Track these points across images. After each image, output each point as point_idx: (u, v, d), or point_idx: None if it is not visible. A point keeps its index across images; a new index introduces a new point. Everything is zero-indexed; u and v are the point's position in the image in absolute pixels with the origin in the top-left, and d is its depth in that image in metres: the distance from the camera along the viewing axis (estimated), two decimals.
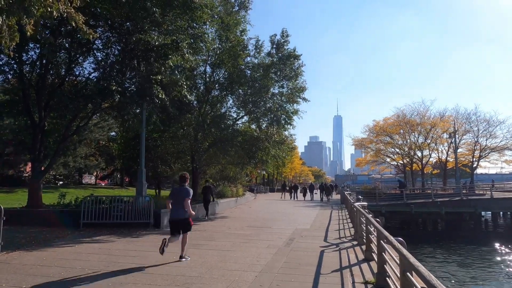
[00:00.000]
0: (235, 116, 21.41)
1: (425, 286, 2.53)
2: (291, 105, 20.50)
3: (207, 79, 20.71)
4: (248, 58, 20.64)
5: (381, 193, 35.18)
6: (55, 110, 14.99)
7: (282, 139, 22.72)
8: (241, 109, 20.95)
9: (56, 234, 11.62)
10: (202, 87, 20.77)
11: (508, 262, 19.26)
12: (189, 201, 8.10)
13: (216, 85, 20.68)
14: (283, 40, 20.00)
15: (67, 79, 15.26)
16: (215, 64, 19.98)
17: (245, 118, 21.48)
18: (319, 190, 43.21)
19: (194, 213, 8.71)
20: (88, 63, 15.63)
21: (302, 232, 13.32)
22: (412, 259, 3.05)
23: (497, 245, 23.04)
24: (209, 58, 20.33)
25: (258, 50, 20.53)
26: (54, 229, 12.32)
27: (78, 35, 11.95)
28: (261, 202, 31.24)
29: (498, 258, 20.08)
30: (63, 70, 15.21)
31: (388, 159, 47.26)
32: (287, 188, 42.29)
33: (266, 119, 20.43)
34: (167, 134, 19.22)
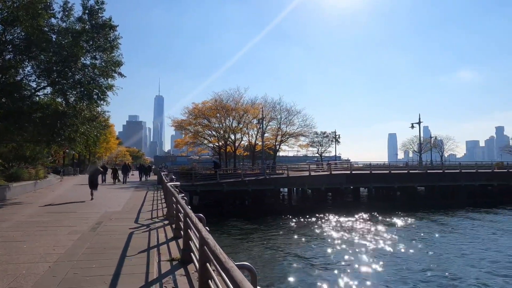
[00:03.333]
0: (35, 86, 18.26)
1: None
2: (106, 79, 18.78)
3: None
4: (54, 20, 17.79)
5: (198, 173, 36.57)
6: None
7: (94, 115, 20.67)
8: (42, 78, 17.95)
9: None
10: None
11: (298, 232, 22.98)
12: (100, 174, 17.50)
13: (9, 47, 17.11)
14: (97, 7, 17.97)
15: None
16: (8, 21, 16.40)
17: (48, 89, 18.60)
18: (138, 171, 42.45)
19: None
20: None
21: (112, 215, 12.59)
22: (204, 232, 3.16)
23: (290, 216, 27.26)
24: None
25: (66, 13, 17.87)
26: None
27: None
28: (68, 185, 28.06)
29: (293, 227, 23.79)
30: None
31: (206, 141, 49.50)
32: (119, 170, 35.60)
33: (75, 92, 18.15)
34: None
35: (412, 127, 50.06)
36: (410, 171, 40.45)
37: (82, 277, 5.72)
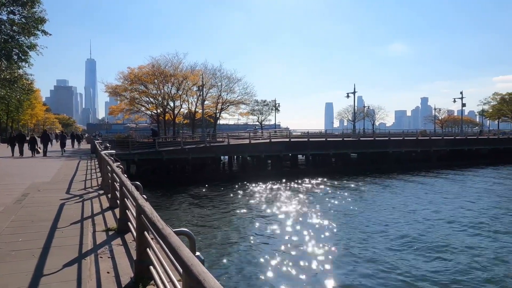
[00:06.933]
0: None
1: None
2: (27, 37, 16.87)
3: None
4: None
5: (135, 141, 35.32)
6: None
7: (14, 77, 18.70)
8: None
9: None
10: None
11: (238, 199, 23.36)
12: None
13: None
14: None
15: None
16: None
17: None
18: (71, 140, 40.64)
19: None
20: None
21: (40, 186, 11.76)
22: (140, 200, 3.03)
23: (231, 184, 27.56)
24: None
25: None
26: None
27: None
28: None
29: (233, 195, 24.09)
30: None
31: (143, 108, 47.46)
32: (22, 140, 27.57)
33: None
34: None
35: (348, 96, 52.25)
36: (345, 139, 42.53)
37: (6, 252, 5.31)
